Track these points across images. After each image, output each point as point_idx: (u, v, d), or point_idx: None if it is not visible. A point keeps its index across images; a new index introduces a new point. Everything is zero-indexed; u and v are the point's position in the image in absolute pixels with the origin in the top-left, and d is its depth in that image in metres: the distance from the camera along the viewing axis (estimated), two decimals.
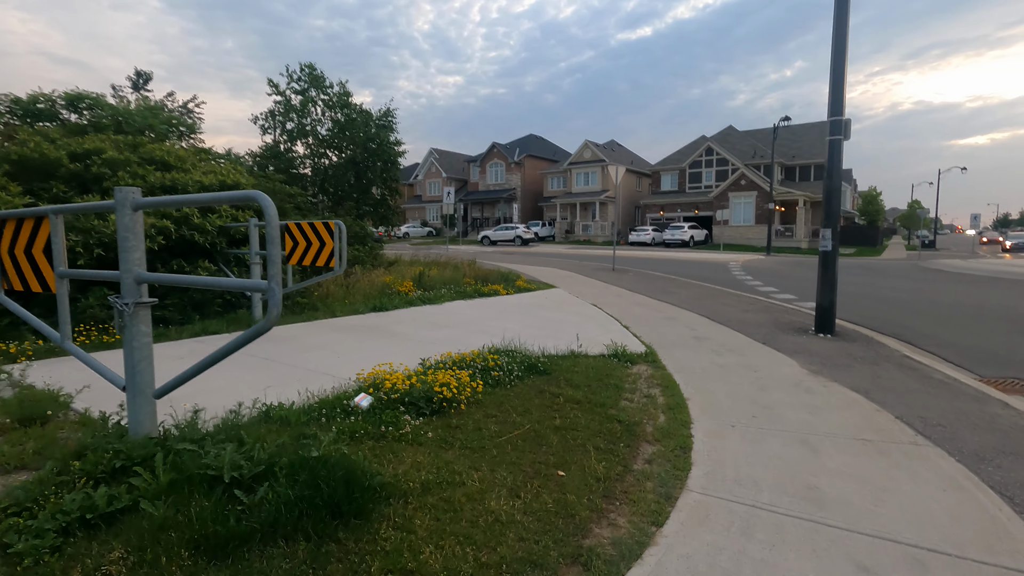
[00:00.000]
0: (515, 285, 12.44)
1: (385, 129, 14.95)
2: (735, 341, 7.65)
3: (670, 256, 29.65)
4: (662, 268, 20.59)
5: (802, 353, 6.97)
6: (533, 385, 4.95)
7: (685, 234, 39.68)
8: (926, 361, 6.75)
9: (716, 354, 6.84)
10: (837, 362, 6.53)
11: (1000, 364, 6.93)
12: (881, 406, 4.85)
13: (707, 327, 8.67)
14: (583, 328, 8.22)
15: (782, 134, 44.37)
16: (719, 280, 16.68)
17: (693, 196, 45.64)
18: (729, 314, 9.87)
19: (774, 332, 8.32)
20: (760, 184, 40.09)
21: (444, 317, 8.66)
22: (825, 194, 8.39)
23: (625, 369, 5.88)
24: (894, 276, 19.17)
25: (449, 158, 61.88)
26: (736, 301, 11.64)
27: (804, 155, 44.90)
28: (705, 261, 26.01)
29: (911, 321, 9.83)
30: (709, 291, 13.32)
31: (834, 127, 8.18)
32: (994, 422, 4.50)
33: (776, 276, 18.67)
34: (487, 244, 42.59)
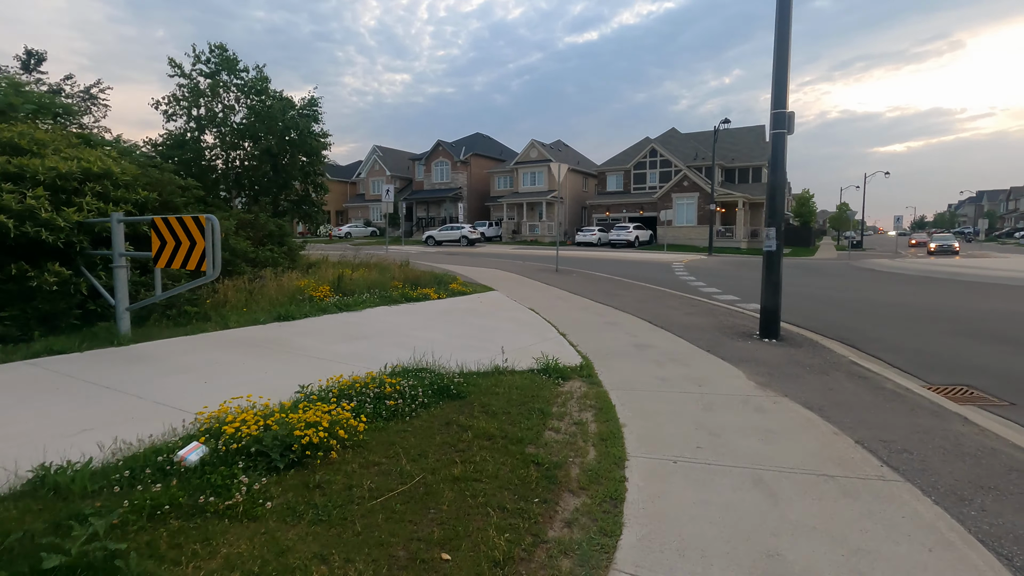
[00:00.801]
0: (449, 288, 11.52)
1: (308, 119, 13.68)
2: (679, 349, 7.05)
3: (615, 256, 29.47)
4: (607, 269, 20.17)
5: (749, 362, 6.42)
6: (440, 415, 4.08)
7: (630, 234, 39.81)
8: (875, 368, 6.33)
9: (658, 365, 6.18)
10: (786, 372, 6.00)
11: (948, 370, 6.61)
12: (839, 427, 4.27)
13: (650, 333, 8.05)
14: (516, 336, 7.43)
15: (722, 137, 45.35)
16: (663, 281, 16.34)
17: (638, 197, 45.99)
18: (673, 318, 9.33)
19: (718, 337, 7.80)
20: (702, 186, 40.75)
21: (360, 327, 7.66)
22: (769, 191, 7.93)
23: (556, 387, 5.10)
24: (830, 276, 19.48)
25: (393, 156, 60.10)
26: (680, 303, 11.17)
27: (743, 158, 46.06)
28: (649, 261, 25.89)
29: (854, 323, 9.59)
30: (653, 293, 12.84)
31: (777, 120, 7.73)
32: (960, 444, 3.99)
33: (719, 277, 18.57)
34: (432, 244, 41.37)
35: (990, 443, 4.04)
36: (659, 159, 45.85)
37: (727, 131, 48.07)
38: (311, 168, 13.72)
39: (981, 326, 9.15)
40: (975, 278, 17.08)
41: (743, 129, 50.41)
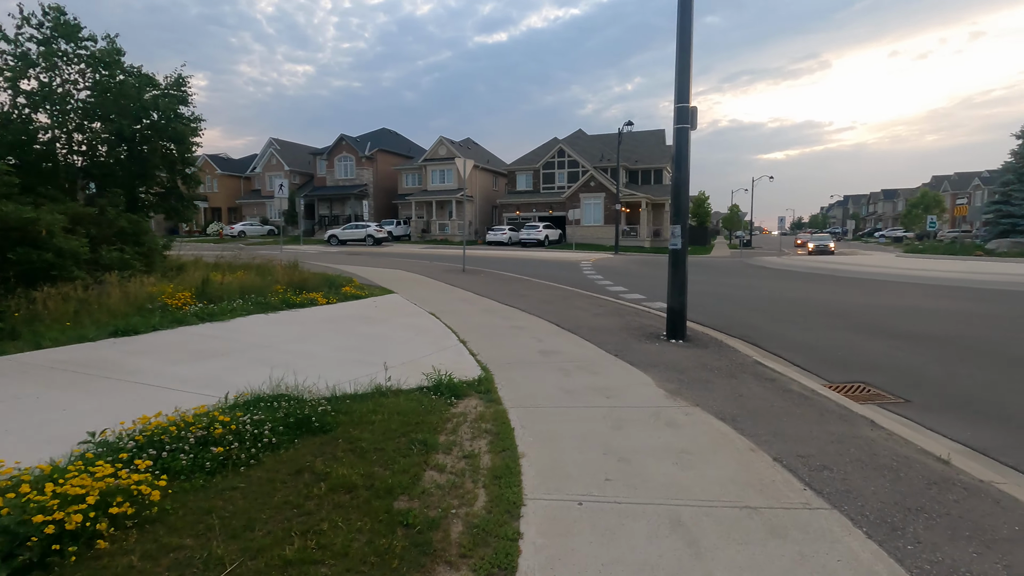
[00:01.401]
0: (341, 292, 10.42)
1: (174, 100, 11.89)
2: (586, 354, 6.57)
3: (525, 256, 29.26)
4: (516, 269, 19.75)
5: (657, 366, 6.05)
6: (291, 459, 3.21)
7: (540, 234, 39.97)
8: (779, 368, 6.19)
9: (564, 374, 5.64)
10: (695, 377, 5.68)
11: (843, 366, 6.65)
12: (754, 441, 3.90)
13: (556, 337, 7.55)
14: (410, 347, 6.61)
15: (625, 140, 46.79)
16: (571, 280, 16.13)
17: (547, 196, 46.37)
18: (580, 319, 8.93)
19: (626, 340, 7.44)
20: (608, 186, 41.77)
21: (219, 341, 6.48)
22: (674, 188, 7.70)
23: (447, 409, 4.37)
24: (728, 273, 20.35)
25: (292, 150, 56.44)
26: (587, 304, 10.85)
27: (645, 160, 47.88)
28: (558, 260, 25.88)
29: (753, 319, 9.71)
30: (561, 293, 12.48)
31: (680, 115, 7.49)
32: (875, 454, 3.74)
33: (625, 275, 18.74)
34: (335, 244, 39.12)
35: (901, 450, 3.83)
36: (567, 159, 46.51)
37: (631, 134, 49.77)
38: (179, 157, 11.94)
39: (865, 320, 9.57)
40: (852, 274, 18.51)
41: (645, 132, 52.45)
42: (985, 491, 3.22)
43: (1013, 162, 29.63)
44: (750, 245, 54.71)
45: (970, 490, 3.22)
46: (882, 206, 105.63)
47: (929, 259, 23.44)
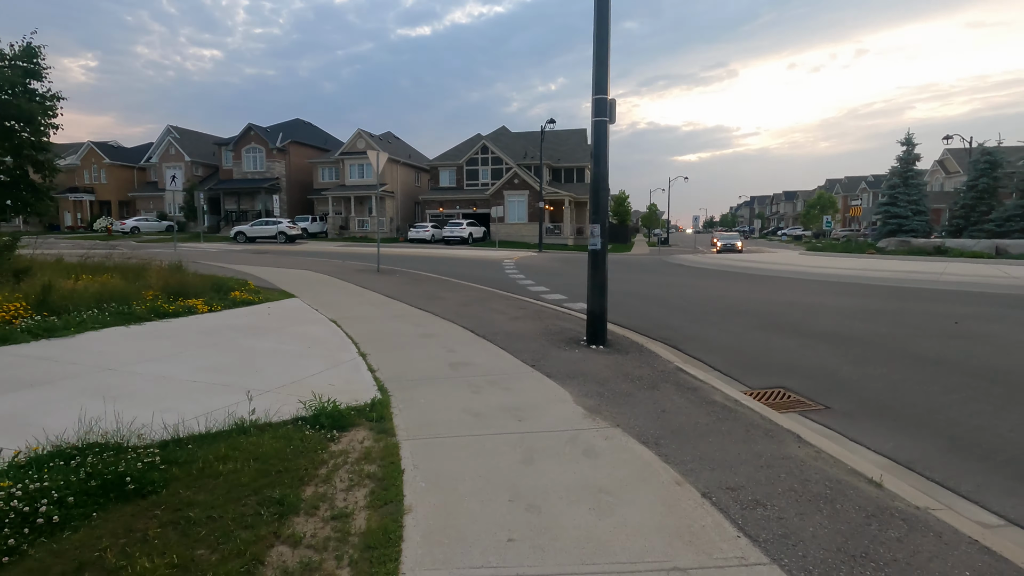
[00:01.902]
0: (230, 297, 9.21)
1: (23, 73, 10.08)
2: (501, 366, 5.97)
3: (448, 254, 28.43)
4: (436, 268, 18.92)
5: (576, 378, 5.56)
6: (79, 545, 2.34)
7: (464, 231, 39.22)
8: (700, 375, 5.89)
9: (474, 391, 5.00)
10: (615, 389, 5.22)
11: (761, 369, 6.48)
12: (680, 471, 3.44)
13: (470, 346, 6.90)
14: (298, 363, 5.71)
15: (548, 138, 46.94)
16: (493, 280, 15.55)
17: (471, 193, 45.65)
18: (498, 324, 8.33)
19: (545, 347, 6.92)
20: (531, 184, 41.68)
21: (51, 364, 5.28)
22: (593, 184, 7.26)
23: (324, 448, 3.59)
24: (647, 271, 20.59)
25: (194, 139, 52.08)
26: (507, 306, 10.28)
27: (568, 159, 48.32)
28: (481, 259, 25.29)
29: (674, 320, 9.55)
30: (480, 294, 11.85)
31: (598, 107, 7.06)
32: (806, 479, 3.38)
33: (547, 274, 18.43)
34: (242, 241, 36.36)
35: (832, 472, 3.51)
36: (491, 156, 45.99)
37: (554, 132, 50.05)
38: (28, 140, 10.13)
39: (778, 319, 9.67)
40: (763, 272, 19.26)
41: (567, 132, 52.98)
42: (924, 522, 2.91)
43: (899, 167, 32.46)
44: (667, 243, 56.79)
45: (910, 522, 2.89)
46: (784, 206, 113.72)
47: (828, 256, 24.99)
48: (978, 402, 5.22)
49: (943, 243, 22.89)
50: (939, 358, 6.86)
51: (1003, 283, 13.89)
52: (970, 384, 5.77)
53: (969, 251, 21.52)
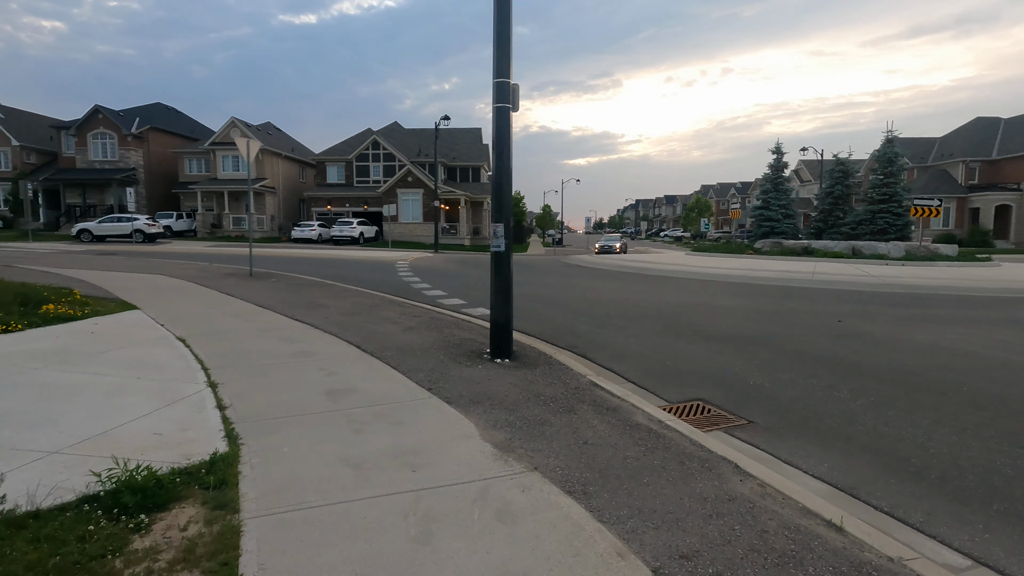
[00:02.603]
0: (39, 312, 7.27)
1: None
2: (391, 391, 4.98)
3: (336, 255, 26.43)
4: (322, 271, 17.22)
5: (482, 403, 4.73)
6: None
7: (354, 230, 37.02)
8: (617, 391, 5.32)
9: (356, 431, 3.99)
10: (528, 415, 4.47)
11: (674, 378, 6.08)
12: (618, 533, 2.74)
13: (355, 366, 5.81)
14: (119, 402, 4.32)
15: (443, 136, 45.86)
16: (385, 284, 14.32)
17: (362, 191, 43.31)
18: (389, 337, 7.28)
19: (444, 364, 6.03)
20: (426, 182, 40.37)
21: None
22: (495, 179, 6.48)
23: (121, 547, 2.44)
24: (547, 272, 20.34)
25: (25, 120, 44.44)
26: (400, 314, 9.22)
27: (463, 157, 47.54)
28: (373, 260, 23.72)
29: (578, 325, 9.07)
30: (370, 301, 10.64)
31: (500, 92, 6.30)
32: (764, 532, 2.83)
33: (444, 276, 17.47)
34: (87, 240, 31.39)
35: (787, 515, 2.99)
36: (382, 152, 43.96)
37: (448, 131, 49.00)
38: None
39: (680, 322, 9.55)
40: (656, 272, 19.76)
41: (462, 130, 52.21)
42: None
43: (770, 174, 35.55)
44: (561, 243, 58.05)
45: None
46: (665, 209, 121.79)
47: (713, 257, 26.48)
48: (886, 407, 5.13)
49: (809, 244, 25.22)
50: (836, 359, 6.91)
51: (865, 281, 15.23)
52: (872, 387, 5.75)
53: (831, 251, 23.85)
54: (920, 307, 11.37)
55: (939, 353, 7.19)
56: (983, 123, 48.88)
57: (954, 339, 8.05)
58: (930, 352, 7.26)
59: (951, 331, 8.69)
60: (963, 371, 6.31)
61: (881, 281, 15.16)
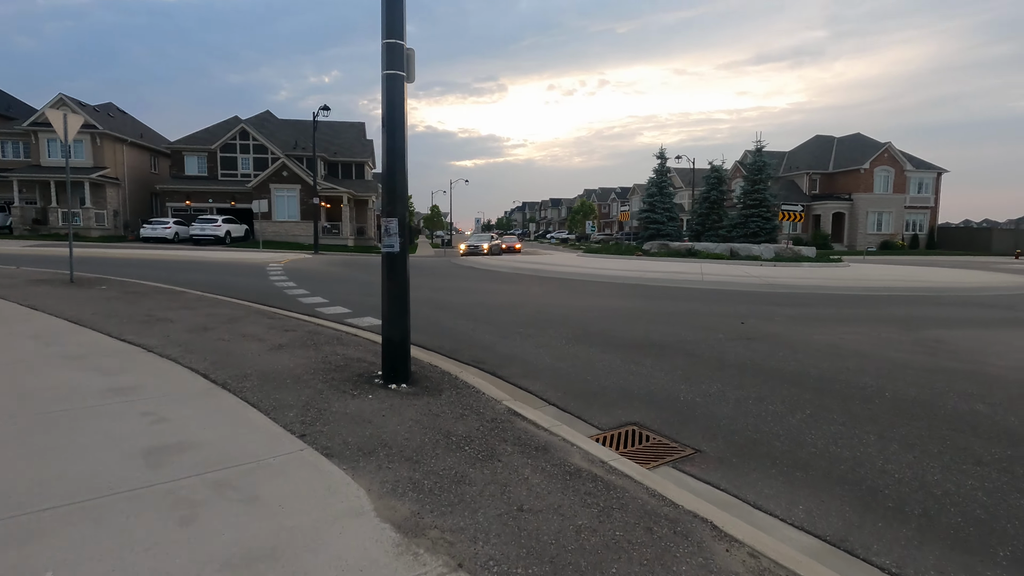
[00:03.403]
0: None
1: None
2: (245, 444, 3.62)
3: (195, 257, 23.10)
4: (174, 276, 14.58)
5: (375, 453, 3.56)
6: None
7: (219, 229, 32.99)
8: (543, 422, 4.40)
9: (183, 521, 2.65)
10: (438, 469, 3.38)
11: (598, 397, 5.32)
12: None
13: (195, 407, 4.32)
14: None
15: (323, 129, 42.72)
16: (253, 291, 12.30)
17: (228, 185, 38.91)
18: (251, 359, 5.77)
19: (323, 395, 4.72)
20: (304, 178, 37.20)
21: None
22: (386, 162, 5.26)
23: None
24: (439, 275, 19.14)
25: None
26: (268, 328, 7.61)
27: (346, 153, 44.67)
28: (240, 263, 20.95)
29: (482, 335, 8.08)
30: (231, 312, 8.82)
31: (391, 56, 5.12)
32: None
33: (325, 281, 15.63)
34: None
35: None
36: (252, 143, 39.86)
37: (329, 124, 45.83)
38: None
39: (588, 328, 8.95)
40: (552, 274, 19.35)
41: (345, 124, 49.20)
42: None
43: (655, 178, 37.29)
44: (451, 244, 56.90)
45: None
46: (551, 212, 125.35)
47: (605, 259, 26.90)
48: (825, 422, 4.74)
49: (692, 246, 26.57)
50: (754, 365, 6.60)
51: (749, 282, 15.94)
52: (801, 397, 5.40)
53: (712, 253, 25.27)
54: (803, 306, 11.89)
55: (845, 356, 7.19)
56: (821, 140, 55.66)
57: (849, 339, 8.21)
58: (836, 354, 7.24)
59: (841, 331, 8.94)
60: (875, 374, 6.24)
61: (763, 281, 15.97)
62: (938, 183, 51.66)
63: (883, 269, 22.79)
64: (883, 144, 49.13)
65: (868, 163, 48.35)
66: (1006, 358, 7.21)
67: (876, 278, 17.81)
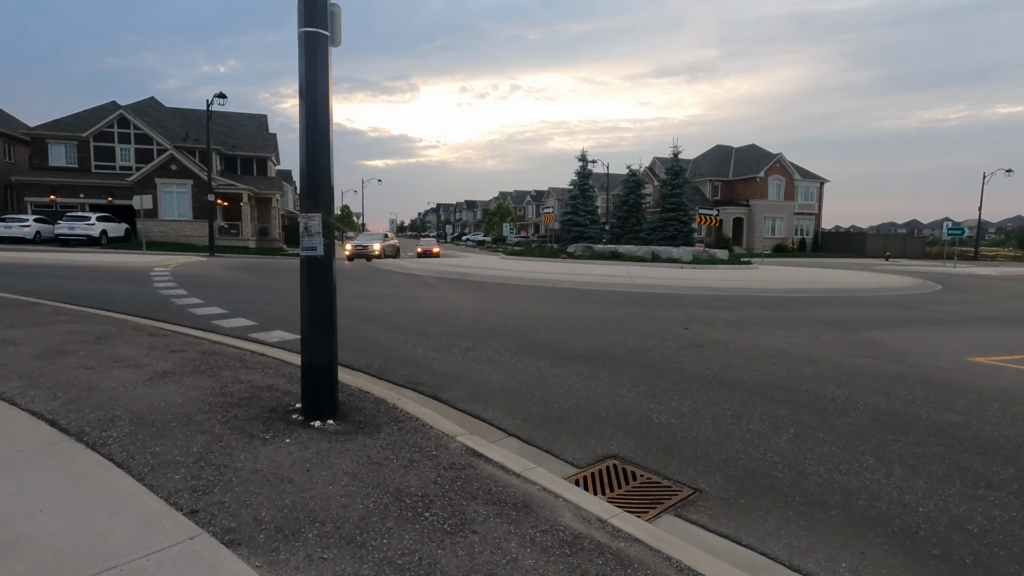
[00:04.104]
0: None
1: None
2: (103, 534, 2.48)
3: (62, 260, 19.89)
4: (28, 283, 12.17)
5: (301, 537, 2.58)
6: None
7: (92, 228, 28.96)
8: (512, 464, 3.60)
9: None
10: (393, 557, 2.47)
11: (563, 422, 4.60)
12: None
13: (30, 472, 3.06)
14: None
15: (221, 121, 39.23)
16: (133, 300, 10.42)
17: (105, 178, 34.41)
18: (122, 394, 4.46)
19: (223, 441, 3.61)
20: (197, 172, 33.68)
21: None
22: (306, 143, 4.19)
23: None
24: (356, 279, 17.66)
25: None
26: (148, 349, 6.17)
27: (246, 147, 41.18)
28: (118, 267, 18.25)
29: (412, 348, 7.11)
30: (99, 328, 7.20)
31: (311, 10, 4.10)
32: None
33: (223, 288, 13.78)
34: None
35: None
36: (134, 132, 35.58)
37: (227, 115, 42.17)
38: None
39: (530, 338, 8.24)
40: (479, 278, 18.47)
41: (245, 115, 45.48)
42: None
43: (578, 181, 37.53)
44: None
45: None
46: (466, 214, 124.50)
47: (531, 261, 26.45)
48: (817, 443, 4.32)
49: (616, 249, 26.81)
50: (715, 376, 6.18)
51: (677, 284, 16.02)
52: (778, 414, 5.00)
53: (635, 255, 25.60)
54: (734, 309, 11.95)
55: (797, 362, 6.99)
56: (721, 150, 59.29)
57: (793, 344, 8.12)
58: (788, 361, 7.04)
59: (782, 335, 8.88)
60: (836, 382, 6.02)
61: (689, 284, 16.12)
62: (821, 192, 56.76)
63: (786, 271, 24.21)
64: (775, 155, 53.17)
65: (763, 172, 52.09)
66: (940, 359, 7.35)
67: (787, 280, 18.70)
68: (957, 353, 7.75)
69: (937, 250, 53.75)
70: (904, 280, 19.73)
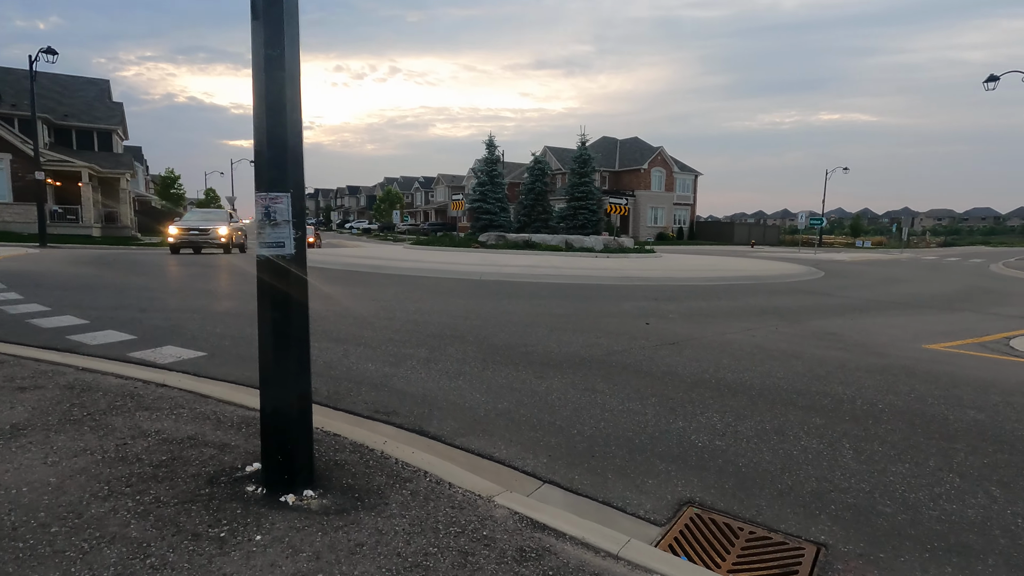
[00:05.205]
0: None
1: None
2: None
3: None
4: None
5: None
6: None
7: None
8: (612, 546, 2.67)
9: None
10: None
11: (601, 453, 3.73)
12: None
13: None
14: None
15: (48, 83, 32.80)
16: None
17: None
18: None
19: (146, 555, 2.21)
20: (18, 145, 27.71)
21: None
22: (265, 95, 2.81)
23: None
24: (252, 277, 15.23)
25: None
26: None
27: (83, 117, 34.80)
28: None
29: (362, 364, 5.77)
30: None
31: None
32: None
33: (72, 289, 11.01)
34: None
35: None
36: None
37: (56, 77, 35.40)
38: None
39: (493, 341, 7.25)
40: (390, 271, 16.68)
41: (82, 79, 38.49)
42: None
43: (485, 167, 36.21)
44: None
45: None
46: (348, 200, 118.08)
47: (442, 252, 24.95)
48: (890, 461, 3.85)
49: (530, 238, 26.16)
50: (718, 381, 5.65)
51: (605, 275, 15.65)
52: (815, 423, 4.53)
53: (550, 245, 25.12)
54: (676, 300, 11.79)
55: (780, 358, 6.72)
56: (607, 141, 61.51)
57: (761, 337, 7.91)
58: (771, 357, 6.73)
59: (741, 327, 8.68)
60: (836, 381, 5.76)
61: (617, 275, 15.88)
62: (695, 184, 61.22)
63: (688, 259, 25.26)
64: (657, 148, 56.25)
65: (647, 164, 54.88)
66: (901, 348, 7.44)
67: (697, 268, 19.31)
68: (909, 341, 8.00)
69: (791, 238, 60.68)
70: (792, 267, 21.34)
